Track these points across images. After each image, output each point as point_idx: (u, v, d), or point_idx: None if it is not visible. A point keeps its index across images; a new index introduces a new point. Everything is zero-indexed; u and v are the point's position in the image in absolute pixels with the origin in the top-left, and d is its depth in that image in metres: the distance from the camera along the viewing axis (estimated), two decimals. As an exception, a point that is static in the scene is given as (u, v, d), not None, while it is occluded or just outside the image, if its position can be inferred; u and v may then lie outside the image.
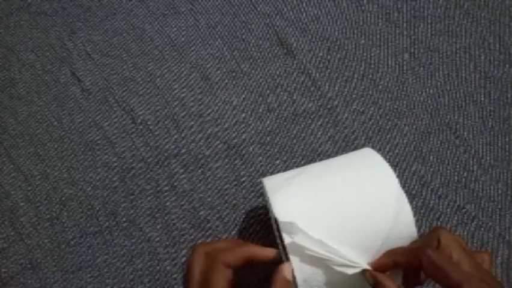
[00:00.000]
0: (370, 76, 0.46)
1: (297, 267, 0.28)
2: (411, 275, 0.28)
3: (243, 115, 0.45)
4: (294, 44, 0.47)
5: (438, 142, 0.44)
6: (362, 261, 0.28)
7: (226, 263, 0.28)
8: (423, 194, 0.43)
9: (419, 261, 0.25)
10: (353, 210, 0.28)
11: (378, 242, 0.28)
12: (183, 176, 0.44)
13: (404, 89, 0.46)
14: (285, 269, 0.28)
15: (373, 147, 0.44)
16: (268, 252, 0.29)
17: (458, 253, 0.26)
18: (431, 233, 0.28)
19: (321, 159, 0.44)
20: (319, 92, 0.46)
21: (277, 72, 0.46)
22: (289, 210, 0.29)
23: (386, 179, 0.30)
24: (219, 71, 0.47)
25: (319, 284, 0.28)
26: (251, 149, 0.44)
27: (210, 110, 0.45)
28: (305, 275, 0.28)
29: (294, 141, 0.45)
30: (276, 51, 0.47)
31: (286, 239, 0.28)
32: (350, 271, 0.27)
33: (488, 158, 0.43)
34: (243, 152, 0.44)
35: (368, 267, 0.28)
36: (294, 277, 0.29)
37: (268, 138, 0.45)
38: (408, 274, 0.29)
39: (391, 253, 0.28)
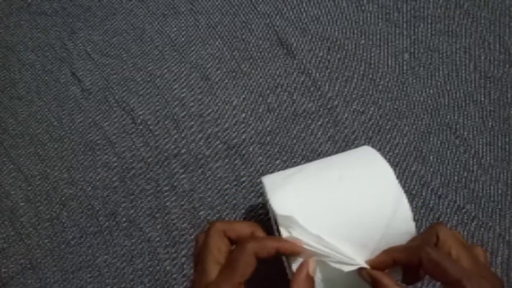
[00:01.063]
0: (370, 76, 0.46)
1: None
2: (411, 272, 0.28)
3: (243, 115, 0.45)
4: (294, 44, 0.47)
5: (438, 142, 0.44)
6: (359, 258, 0.28)
7: (257, 254, 0.27)
8: (423, 194, 0.43)
9: (418, 259, 0.25)
10: (351, 205, 0.28)
11: (376, 237, 0.28)
12: (183, 176, 0.44)
13: (404, 89, 0.46)
14: (310, 265, 0.27)
15: (373, 147, 0.44)
16: (297, 248, 0.28)
17: (457, 249, 0.26)
18: (430, 229, 0.28)
19: (321, 159, 0.44)
20: (319, 92, 0.46)
21: (277, 72, 0.46)
22: (287, 206, 0.29)
23: (384, 175, 0.30)
24: (219, 71, 0.47)
25: (317, 280, 0.28)
26: (251, 149, 0.44)
27: (210, 110, 0.45)
28: None
29: (294, 141, 0.45)
30: (276, 51, 0.47)
31: (284, 233, 0.28)
32: (347, 268, 0.27)
33: (488, 158, 0.43)
34: (243, 152, 0.44)
35: (365, 264, 0.28)
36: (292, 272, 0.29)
37: (268, 138, 0.45)
38: (408, 271, 0.29)
39: (390, 251, 0.28)
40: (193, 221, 0.43)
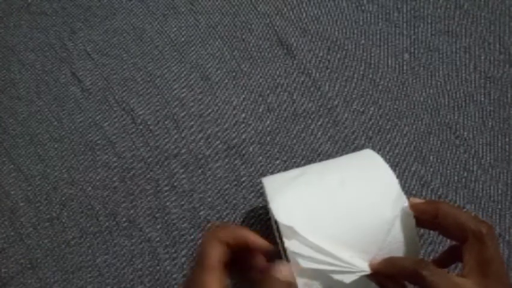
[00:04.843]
0: (370, 76, 0.46)
1: (297, 270, 0.28)
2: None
3: (243, 115, 0.45)
4: (294, 44, 0.47)
5: (438, 142, 0.44)
6: (361, 265, 0.28)
7: (221, 239, 0.27)
8: (423, 194, 0.43)
9: (414, 280, 0.25)
10: (352, 212, 0.28)
11: (378, 244, 0.28)
12: (183, 176, 0.44)
13: (404, 89, 0.46)
14: (283, 269, 0.27)
15: (373, 147, 0.44)
16: (264, 244, 0.28)
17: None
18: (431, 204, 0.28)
19: (321, 159, 0.44)
20: (319, 92, 0.46)
21: (277, 72, 0.46)
22: (289, 212, 0.29)
23: (386, 180, 0.30)
24: (219, 71, 0.47)
25: (319, 287, 0.28)
26: (251, 149, 0.44)
27: (210, 110, 0.46)
28: (305, 278, 0.28)
29: (294, 141, 0.45)
30: (276, 51, 0.47)
31: (286, 243, 0.28)
32: (348, 279, 0.27)
33: (488, 158, 0.43)
34: (243, 152, 0.44)
35: (366, 271, 0.28)
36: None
37: (268, 138, 0.45)
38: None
39: (389, 264, 0.27)
40: (193, 221, 0.43)
